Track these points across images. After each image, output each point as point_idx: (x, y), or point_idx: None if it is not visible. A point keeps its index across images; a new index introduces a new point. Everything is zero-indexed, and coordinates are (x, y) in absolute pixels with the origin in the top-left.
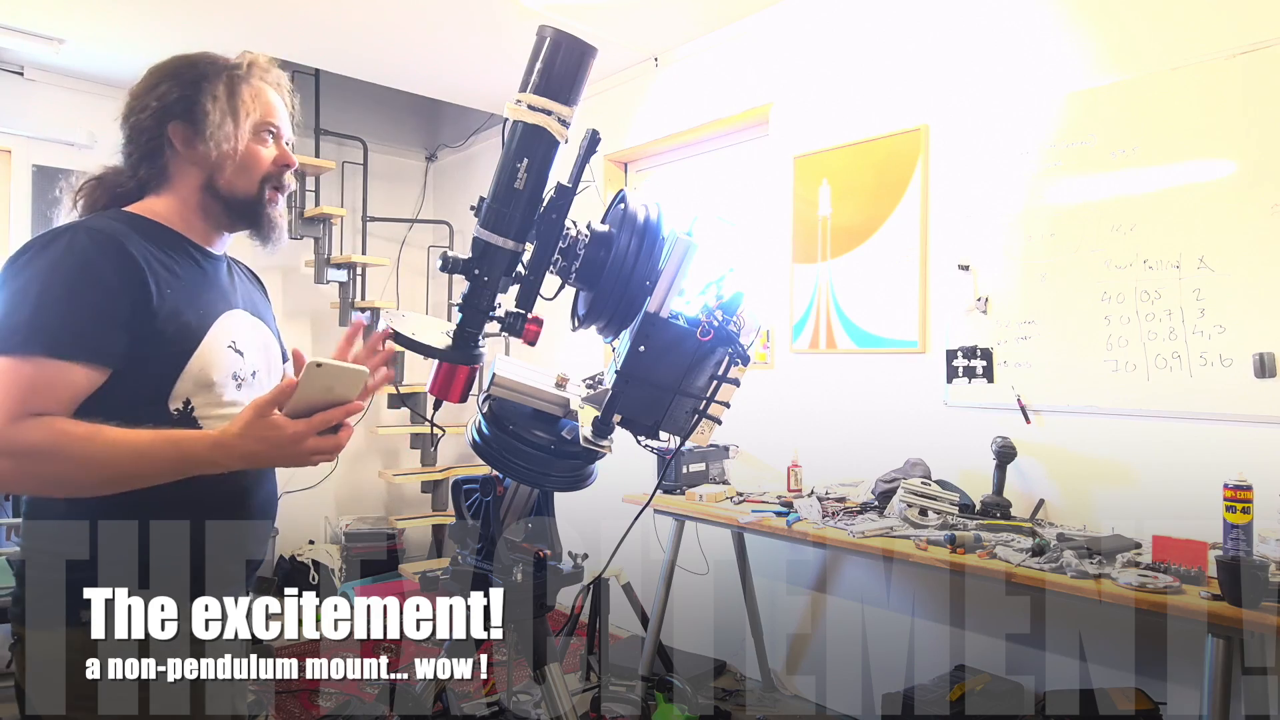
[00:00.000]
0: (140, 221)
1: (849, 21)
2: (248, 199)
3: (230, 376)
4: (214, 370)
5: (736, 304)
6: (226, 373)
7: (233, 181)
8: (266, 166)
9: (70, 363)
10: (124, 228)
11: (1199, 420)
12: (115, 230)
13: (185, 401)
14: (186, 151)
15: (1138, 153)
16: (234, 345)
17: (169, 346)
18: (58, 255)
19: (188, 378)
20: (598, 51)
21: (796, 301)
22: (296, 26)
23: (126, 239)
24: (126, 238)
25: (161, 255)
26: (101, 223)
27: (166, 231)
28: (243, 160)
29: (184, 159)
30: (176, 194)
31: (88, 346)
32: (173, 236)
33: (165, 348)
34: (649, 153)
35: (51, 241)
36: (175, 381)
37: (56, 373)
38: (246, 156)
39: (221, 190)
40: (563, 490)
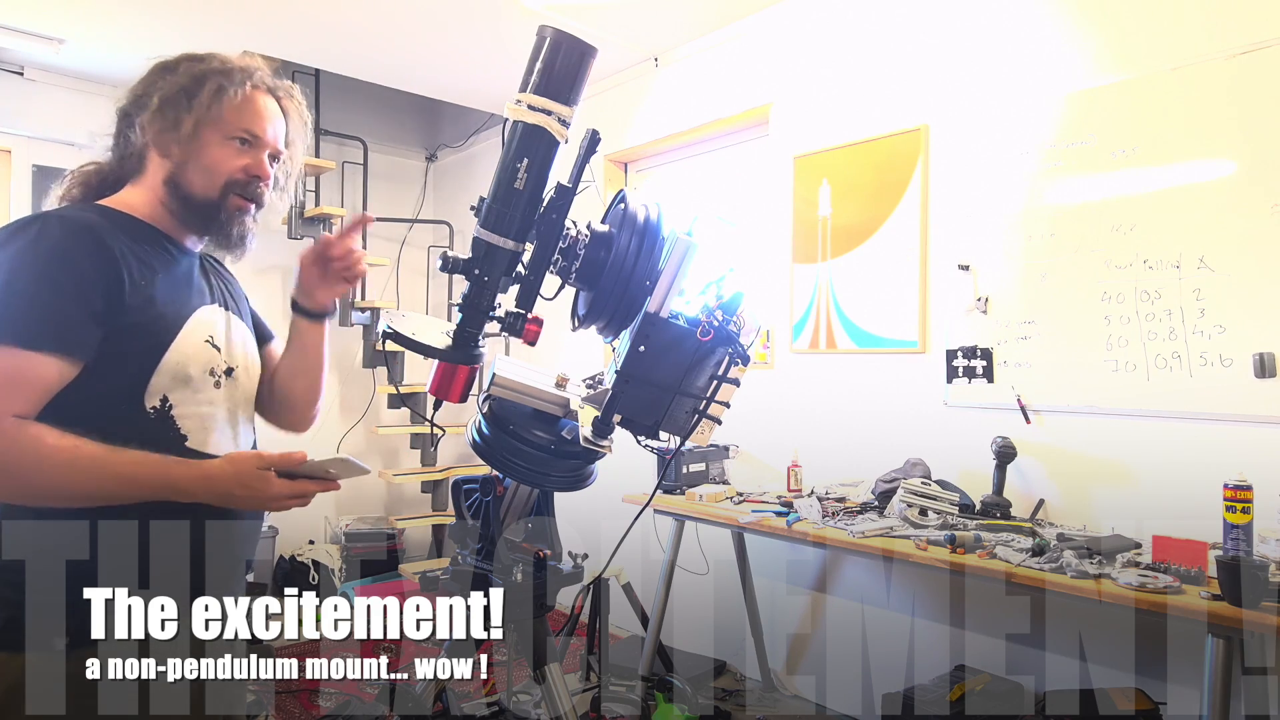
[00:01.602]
0: (114, 214)
1: (849, 21)
2: (207, 201)
3: (208, 372)
4: (191, 365)
5: (736, 304)
6: (204, 368)
7: (193, 181)
8: (232, 172)
9: (40, 353)
10: (97, 218)
11: (1199, 420)
12: (88, 220)
13: (162, 398)
14: (156, 145)
15: (1137, 153)
16: (212, 340)
17: (144, 339)
18: (27, 242)
19: (164, 372)
20: (598, 51)
21: (796, 301)
22: (296, 26)
23: (100, 228)
24: (100, 227)
25: (135, 247)
26: (74, 212)
27: (140, 224)
28: (206, 162)
29: (155, 152)
30: (149, 186)
31: (59, 337)
32: (146, 229)
33: (140, 340)
34: (649, 153)
35: (21, 229)
36: (151, 376)
37: (26, 364)
38: (209, 159)
39: (182, 188)
40: (563, 490)
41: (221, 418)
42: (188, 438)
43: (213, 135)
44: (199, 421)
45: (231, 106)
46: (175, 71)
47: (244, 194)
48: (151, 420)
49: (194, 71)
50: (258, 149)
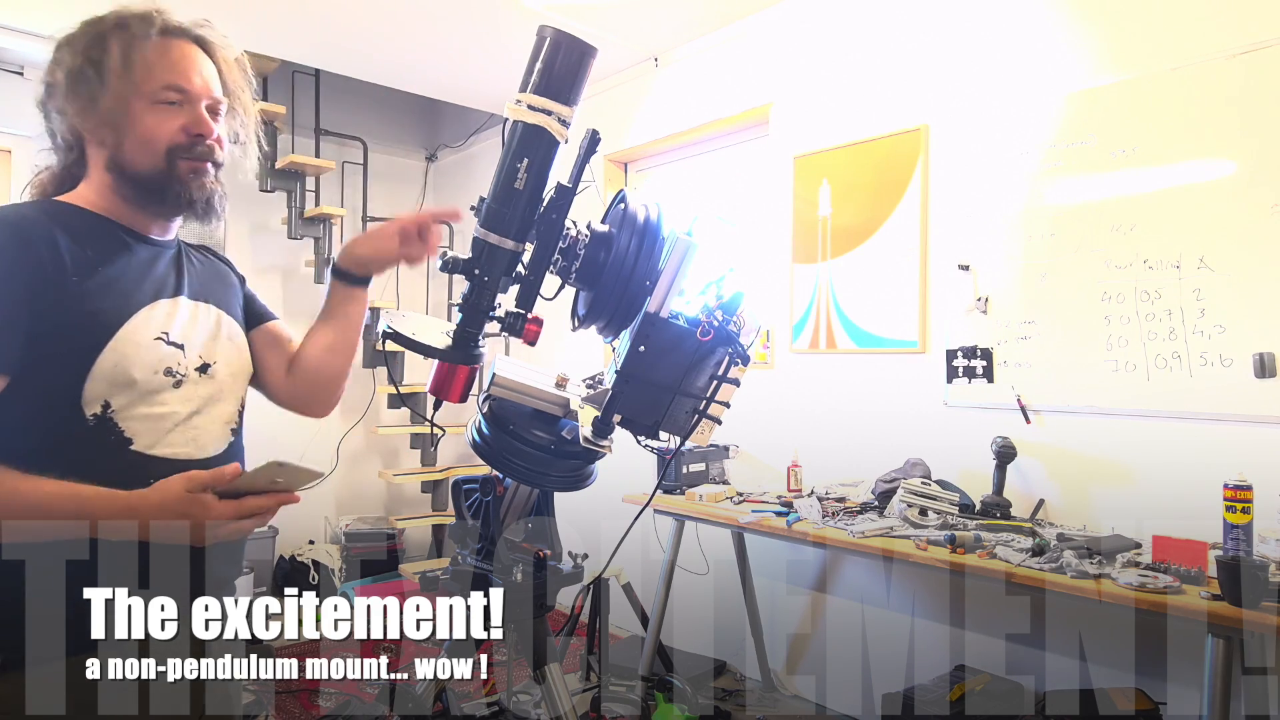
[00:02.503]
0: (60, 207)
1: (849, 21)
2: (154, 174)
3: (160, 373)
4: (135, 366)
5: (736, 304)
6: (153, 369)
7: (134, 158)
8: (171, 137)
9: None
10: (35, 213)
11: (1199, 420)
12: (19, 218)
13: (103, 404)
14: (85, 128)
15: (1137, 153)
16: (165, 336)
17: (75, 340)
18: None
19: (99, 376)
20: (598, 51)
21: (796, 301)
22: (296, 26)
23: (26, 223)
24: (27, 221)
25: (73, 241)
26: (7, 211)
27: (88, 216)
28: (140, 134)
29: (87, 140)
30: (94, 176)
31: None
32: (97, 221)
33: (70, 342)
34: (649, 153)
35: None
36: (85, 381)
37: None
38: (142, 130)
39: (126, 169)
40: (563, 490)
41: (182, 418)
42: (133, 440)
43: (137, 103)
44: (150, 423)
45: (144, 64)
46: (75, 42)
47: (191, 156)
48: (92, 429)
49: (91, 34)
50: (192, 104)
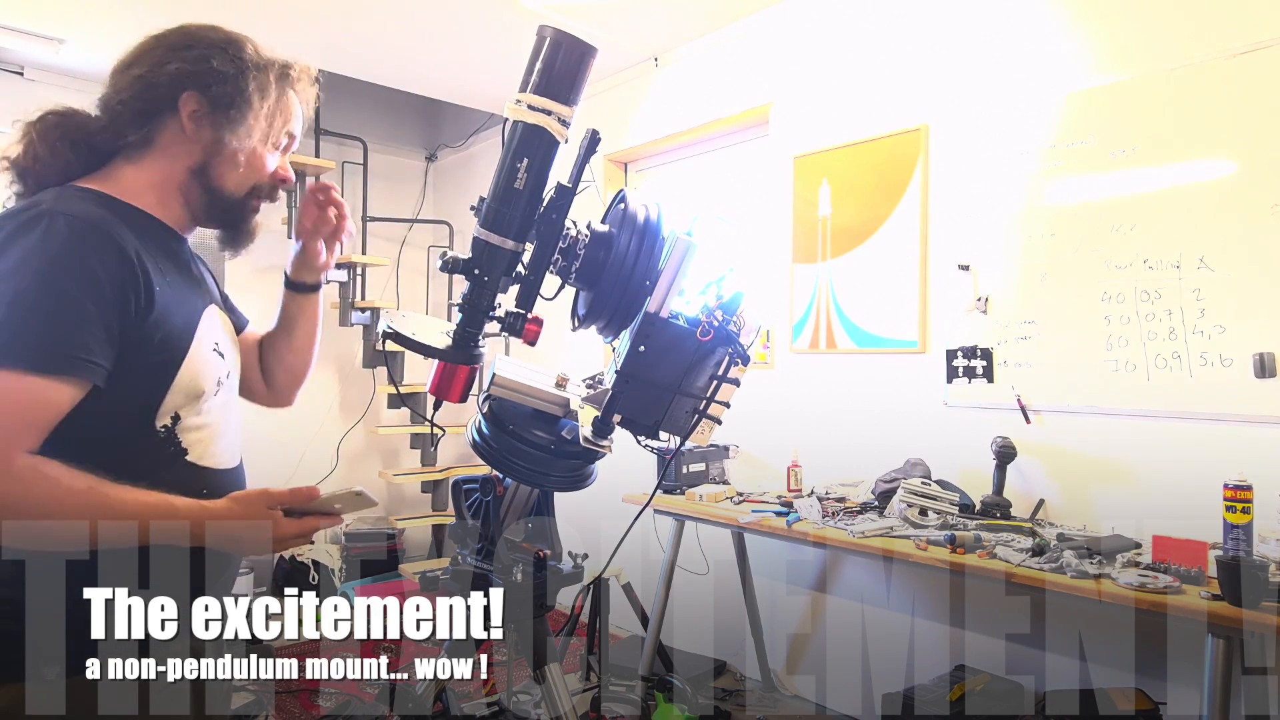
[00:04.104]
0: (120, 207)
1: (849, 21)
2: (234, 199)
3: (214, 384)
4: (203, 379)
5: (736, 304)
6: (215, 379)
7: (226, 175)
8: (266, 175)
9: (52, 379)
10: (107, 214)
11: (1199, 420)
12: (99, 218)
13: (173, 417)
14: (191, 127)
15: (1137, 153)
16: (217, 348)
17: (158, 355)
18: (33, 246)
19: (179, 390)
20: (598, 51)
21: (796, 301)
22: (298, 26)
23: (113, 229)
24: (113, 228)
25: (145, 247)
26: (80, 208)
27: (144, 217)
28: (248, 159)
29: (185, 134)
30: (158, 168)
31: (72, 359)
32: (151, 224)
33: (154, 356)
34: (649, 153)
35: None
36: (166, 394)
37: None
38: (253, 157)
39: (212, 180)
40: (563, 490)
41: (218, 427)
42: (187, 451)
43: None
44: (200, 434)
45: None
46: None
47: (268, 196)
48: (159, 440)
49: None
50: (287, 152)
